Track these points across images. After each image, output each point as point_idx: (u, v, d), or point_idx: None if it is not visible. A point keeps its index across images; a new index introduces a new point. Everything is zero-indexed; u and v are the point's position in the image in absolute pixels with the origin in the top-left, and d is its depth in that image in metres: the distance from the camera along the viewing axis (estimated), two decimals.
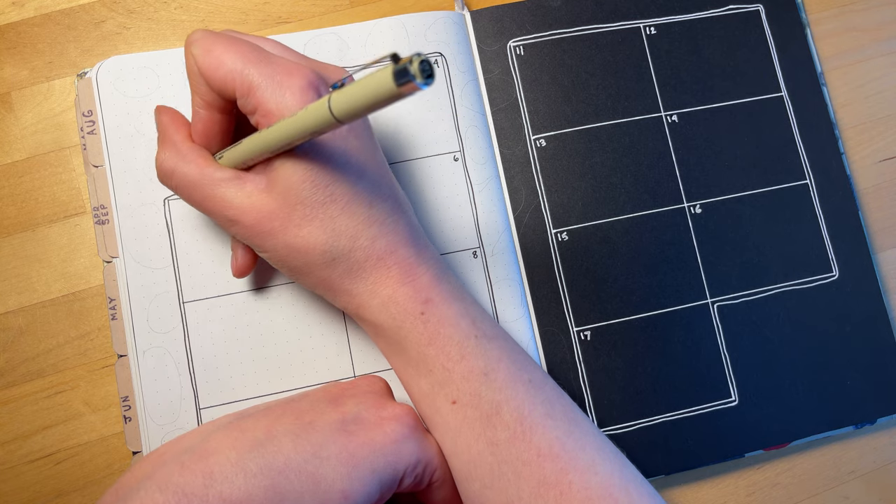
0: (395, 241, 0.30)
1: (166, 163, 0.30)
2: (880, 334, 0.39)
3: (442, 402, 0.30)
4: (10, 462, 0.35)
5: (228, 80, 0.28)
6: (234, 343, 0.35)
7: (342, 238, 0.29)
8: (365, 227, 0.29)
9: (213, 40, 0.28)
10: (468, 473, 0.30)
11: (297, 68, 0.28)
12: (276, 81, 0.27)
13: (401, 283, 0.30)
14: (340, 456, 0.27)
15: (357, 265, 0.29)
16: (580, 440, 0.29)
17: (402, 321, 0.30)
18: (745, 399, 0.38)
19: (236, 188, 0.29)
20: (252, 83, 0.27)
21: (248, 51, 0.28)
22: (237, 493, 0.24)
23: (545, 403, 0.30)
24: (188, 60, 0.29)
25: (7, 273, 0.36)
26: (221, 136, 0.31)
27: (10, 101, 0.38)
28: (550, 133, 0.39)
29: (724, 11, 0.41)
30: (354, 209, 0.29)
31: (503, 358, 0.30)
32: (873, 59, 0.43)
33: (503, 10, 0.40)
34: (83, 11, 0.39)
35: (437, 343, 0.30)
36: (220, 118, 0.30)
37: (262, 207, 0.29)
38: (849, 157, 0.42)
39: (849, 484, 0.39)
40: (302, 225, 0.28)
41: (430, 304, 0.30)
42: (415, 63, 0.20)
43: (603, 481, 0.28)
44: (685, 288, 0.39)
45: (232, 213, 0.29)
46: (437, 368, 0.30)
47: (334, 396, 0.30)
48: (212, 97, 0.29)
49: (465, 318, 0.31)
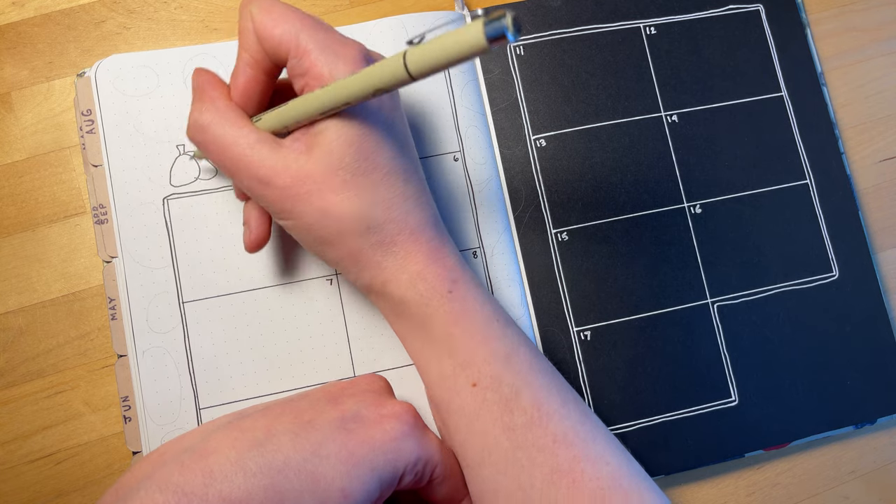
0: (424, 219, 0.30)
1: (202, 117, 0.29)
2: (880, 334, 0.39)
3: (462, 384, 0.30)
4: (10, 462, 0.35)
5: (284, 41, 0.28)
6: (234, 343, 0.35)
7: (378, 208, 0.29)
8: (401, 201, 0.29)
9: (273, 2, 0.29)
10: (481, 459, 0.30)
11: (350, 40, 0.29)
12: (331, 48, 0.28)
13: (430, 260, 0.30)
14: (340, 454, 0.27)
15: (389, 238, 0.29)
16: (592, 431, 0.30)
17: (430, 298, 0.30)
18: (745, 399, 0.38)
19: (271, 149, 0.29)
20: (307, 46, 0.27)
21: (305, 17, 0.28)
22: (237, 492, 0.24)
23: (560, 392, 0.30)
24: (244, 17, 0.29)
25: (7, 273, 0.36)
26: (260, 97, 0.30)
27: (10, 101, 0.38)
28: (550, 133, 0.39)
29: (724, 11, 0.41)
30: (392, 181, 0.29)
31: (522, 345, 0.31)
32: (873, 59, 0.43)
33: (503, 10, 0.40)
34: (83, 11, 0.39)
35: (463, 323, 0.30)
36: (263, 79, 0.30)
37: (298, 169, 0.28)
38: (849, 157, 0.42)
39: (849, 484, 0.39)
40: (339, 190, 0.28)
41: (458, 284, 0.30)
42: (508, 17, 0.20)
43: (613, 472, 0.29)
44: (685, 288, 0.39)
45: (264, 172, 0.28)
46: (460, 349, 0.30)
47: (333, 395, 0.30)
48: (261, 56, 0.29)
49: (489, 304, 0.31)
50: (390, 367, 0.36)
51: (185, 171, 0.36)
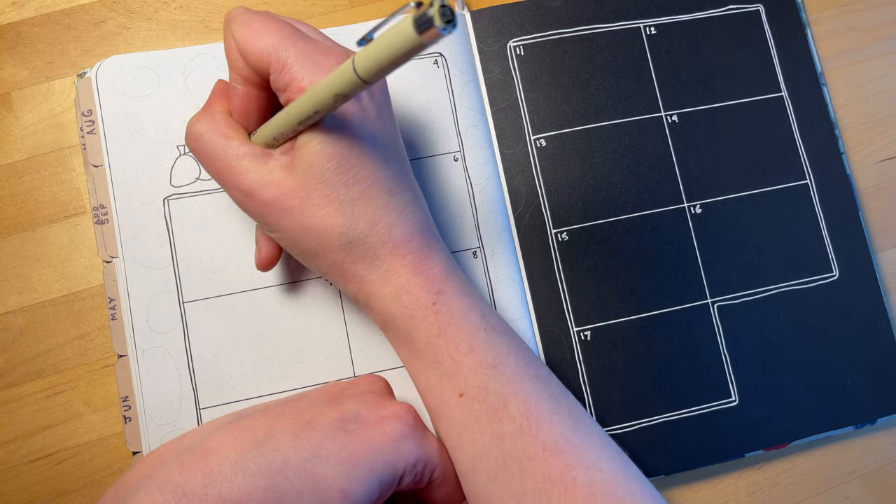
0: (410, 230, 0.30)
1: (197, 126, 0.30)
2: (880, 334, 0.39)
3: (449, 395, 0.30)
4: (10, 462, 0.35)
5: (265, 55, 0.28)
6: (234, 343, 0.35)
7: (360, 222, 0.29)
8: (384, 214, 0.29)
9: (252, 16, 0.29)
10: (473, 466, 0.30)
11: (331, 48, 0.28)
12: (311, 59, 0.27)
13: (414, 272, 0.30)
14: (340, 455, 0.27)
15: (372, 251, 0.29)
16: (585, 437, 0.29)
17: (414, 311, 0.30)
18: (745, 399, 0.38)
19: (258, 163, 0.29)
20: (287, 59, 0.27)
21: (285, 28, 0.28)
22: (236, 493, 0.24)
23: (551, 399, 0.30)
24: (227, 36, 0.29)
25: (7, 273, 0.36)
26: (258, 113, 0.31)
27: (10, 101, 0.38)
28: (550, 133, 0.39)
29: (724, 11, 0.41)
30: (375, 194, 0.29)
31: (511, 352, 0.31)
32: (873, 59, 0.43)
33: (503, 10, 0.40)
34: (83, 11, 0.39)
35: (448, 334, 0.30)
36: (257, 94, 0.30)
37: (281, 184, 0.28)
38: (849, 157, 0.42)
39: (849, 484, 0.39)
40: (321, 205, 0.28)
41: (442, 295, 0.30)
42: (435, 6, 0.19)
43: (607, 478, 0.28)
44: (685, 288, 0.39)
45: (249, 185, 0.29)
46: (445, 360, 0.30)
47: (334, 396, 0.30)
48: (248, 72, 0.29)
49: (475, 312, 0.31)
50: (390, 367, 0.36)
51: (185, 171, 0.36)
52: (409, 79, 0.38)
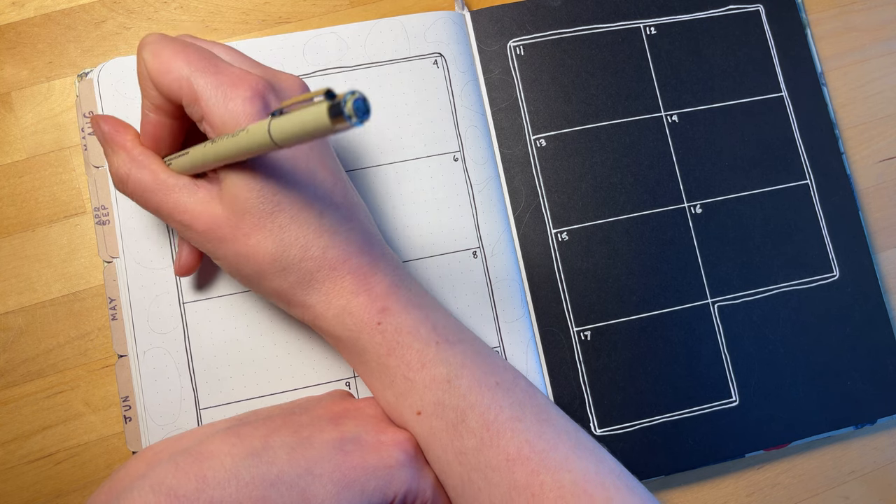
0: (347, 250, 0.29)
1: (121, 168, 0.30)
2: (880, 334, 0.39)
3: (408, 413, 0.30)
4: (10, 462, 0.35)
5: (175, 87, 0.27)
6: (234, 343, 0.35)
7: (292, 248, 0.28)
8: (315, 237, 0.28)
9: (163, 45, 0.28)
10: (443, 482, 0.30)
11: (244, 77, 0.27)
12: (222, 91, 0.27)
13: (355, 293, 0.29)
14: (333, 475, 0.27)
15: (309, 275, 0.29)
16: (552, 440, 0.29)
17: (359, 332, 0.29)
18: (746, 399, 0.38)
19: (189, 194, 0.29)
20: (198, 92, 0.27)
21: (196, 57, 0.27)
22: (228, 501, 0.25)
23: (513, 406, 0.29)
24: (138, 62, 0.28)
25: (7, 273, 0.36)
26: (171, 139, 0.30)
27: (10, 101, 0.38)
28: (550, 133, 0.39)
29: (724, 11, 0.41)
30: (304, 219, 0.28)
31: (467, 363, 0.30)
32: (873, 59, 0.43)
33: (503, 10, 0.40)
34: (83, 11, 0.39)
35: (397, 353, 0.29)
36: (170, 122, 0.30)
37: (212, 214, 0.28)
38: (849, 157, 0.42)
39: (849, 484, 0.39)
40: (250, 234, 0.28)
41: (387, 313, 0.29)
42: (349, 102, 0.20)
43: (576, 478, 0.28)
44: (685, 288, 0.39)
45: (185, 218, 0.29)
46: (398, 379, 0.30)
47: (336, 415, 0.30)
48: (161, 101, 0.28)
49: (425, 325, 0.30)
50: None
51: None
52: (409, 79, 0.38)
